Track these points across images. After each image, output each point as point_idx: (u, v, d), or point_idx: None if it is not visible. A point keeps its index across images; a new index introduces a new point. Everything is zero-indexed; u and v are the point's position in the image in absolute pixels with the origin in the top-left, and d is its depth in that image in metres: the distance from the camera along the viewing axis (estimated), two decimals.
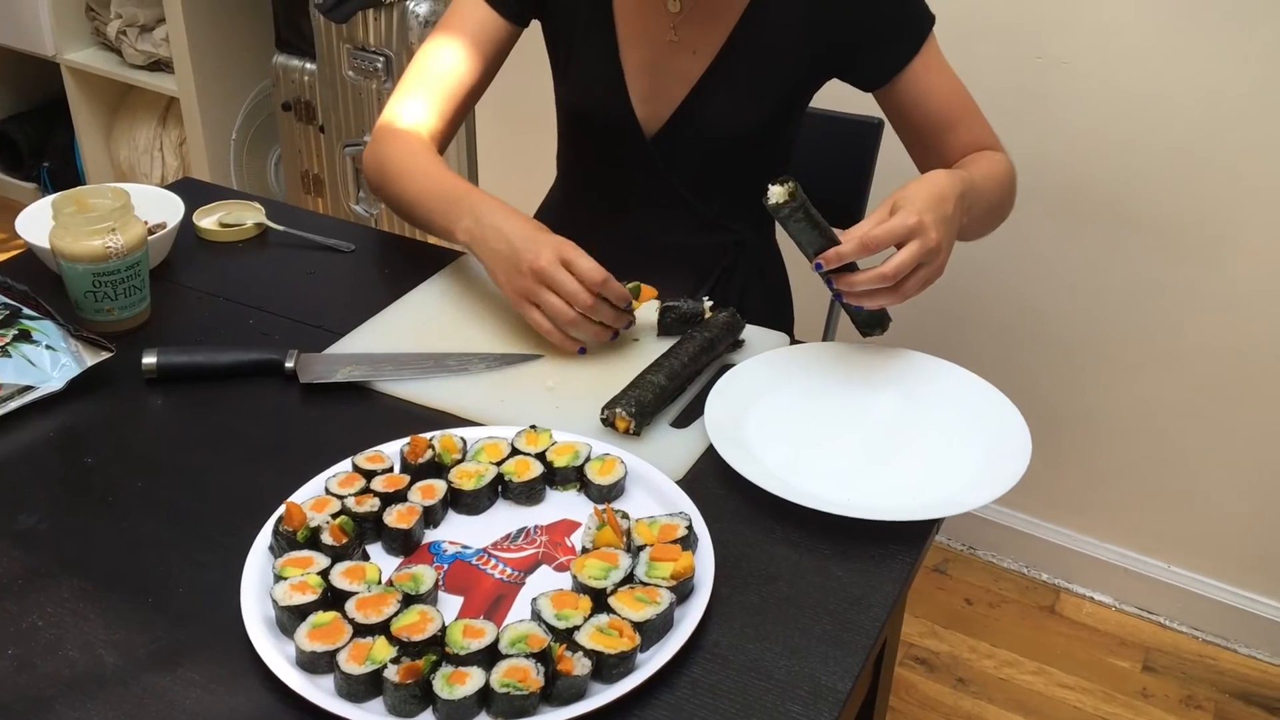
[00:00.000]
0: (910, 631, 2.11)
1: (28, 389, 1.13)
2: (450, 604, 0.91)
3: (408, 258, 1.46)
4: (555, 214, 1.61)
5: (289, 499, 0.97)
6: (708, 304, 1.24)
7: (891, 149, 1.69)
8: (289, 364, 1.18)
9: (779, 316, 1.61)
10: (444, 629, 0.84)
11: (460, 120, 1.44)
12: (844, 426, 1.13)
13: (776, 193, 1.10)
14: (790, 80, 1.38)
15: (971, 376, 1.17)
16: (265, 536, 0.95)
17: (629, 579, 0.90)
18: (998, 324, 2.09)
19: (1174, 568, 2.12)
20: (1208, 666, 2.06)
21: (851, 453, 1.09)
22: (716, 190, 1.46)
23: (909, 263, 1.10)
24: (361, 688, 0.82)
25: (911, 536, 0.99)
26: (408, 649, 0.83)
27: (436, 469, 1.02)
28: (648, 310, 1.26)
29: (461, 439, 1.05)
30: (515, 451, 1.04)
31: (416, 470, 1.01)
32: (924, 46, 1.34)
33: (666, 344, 1.20)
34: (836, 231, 1.13)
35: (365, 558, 0.94)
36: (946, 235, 1.13)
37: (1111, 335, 2.00)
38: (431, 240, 1.43)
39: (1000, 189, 1.33)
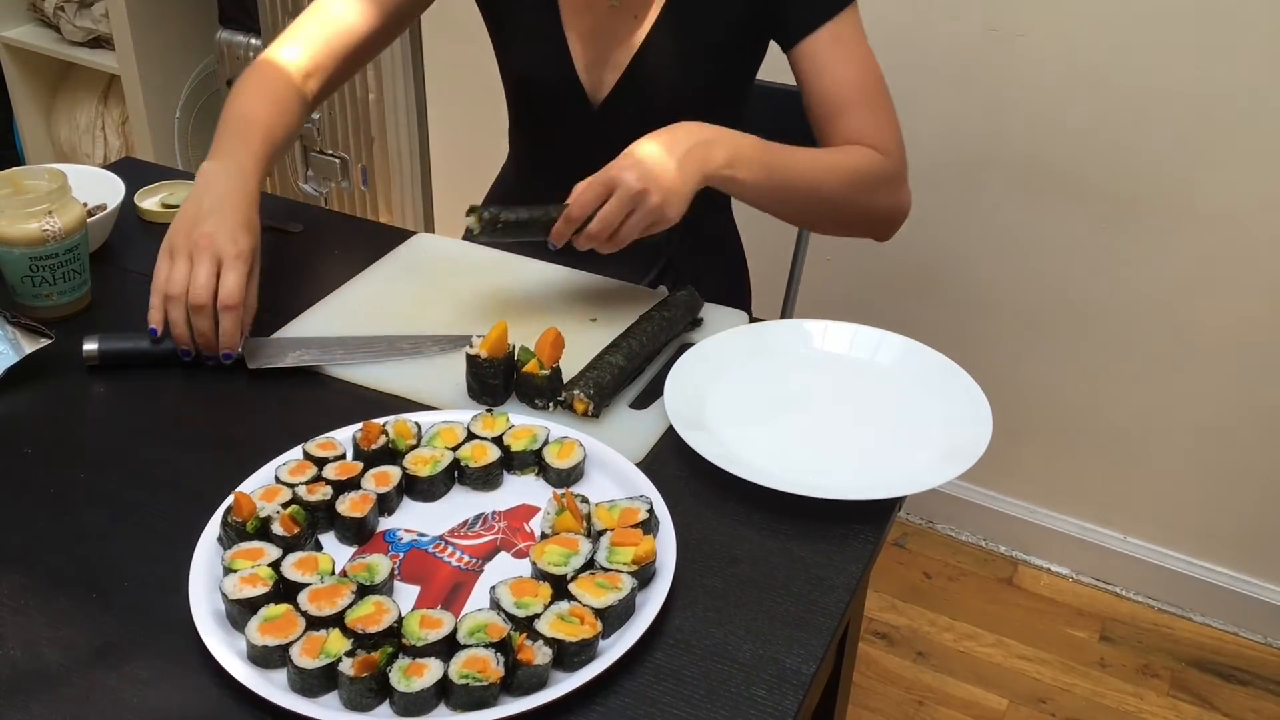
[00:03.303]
0: (870, 606, 2.11)
1: None
2: (406, 594, 0.89)
3: (357, 238, 1.43)
4: (508, 189, 1.59)
5: (237, 489, 0.94)
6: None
7: None
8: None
9: (736, 293, 1.59)
10: (400, 620, 0.83)
11: (344, 69, 1.39)
12: (804, 405, 1.12)
13: (469, 222, 1.16)
14: (731, 40, 1.36)
15: (930, 352, 1.16)
16: (214, 528, 0.92)
17: (590, 565, 0.88)
18: (951, 297, 2.09)
19: (1130, 538, 2.14)
20: (1164, 635, 2.08)
21: (812, 431, 1.08)
22: None
23: (614, 215, 1.13)
24: (316, 682, 0.79)
25: (874, 515, 0.98)
26: (363, 641, 0.81)
27: (390, 455, 1.00)
28: (600, 291, 1.24)
29: (416, 424, 1.03)
30: (471, 436, 1.02)
31: (370, 457, 0.99)
32: (839, 16, 1.30)
33: (625, 324, 1.18)
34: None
35: (318, 548, 0.92)
36: (657, 179, 1.13)
37: (1065, 308, 2.01)
38: (382, 220, 1.41)
39: (840, 182, 1.27)
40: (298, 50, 1.34)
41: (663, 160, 1.14)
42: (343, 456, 1.00)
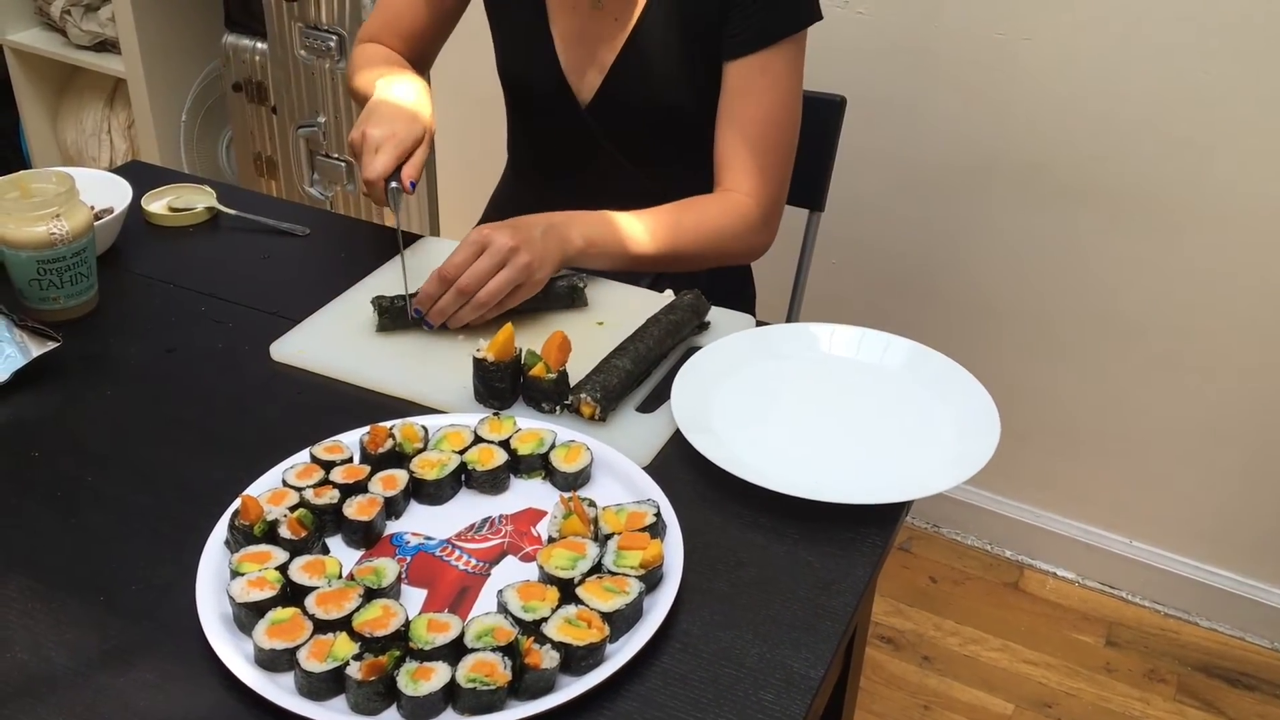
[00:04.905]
0: (875, 610, 2.11)
1: None
2: (414, 597, 0.88)
3: (364, 241, 1.43)
4: (507, 193, 1.60)
5: (245, 492, 0.94)
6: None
7: (854, 128, 1.68)
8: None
9: (739, 294, 1.59)
10: (408, 623, 0.83)
11: (422, 61, 1.51)
12: (811, 409, 1.12)
13: (375, 321, 1.21)
14: (708, 45, 1.35)
15: (937, 355, 1.16)
16: (221, 531, 0.92)
17: (597, 568, 0.88)
18: (958, 301, 2.09)
19: (1136, 543, 2.13)
20: (1170, 640, 2.07)
21: (819, 435, 1.08)
22: (660, 159, 1.45)
23: (485, 269, 1.15)
24: (323, 686, 0.79)
25: (881, 519, 0.98)
26: (370, 645, 0.81)
27: (397, 459, 1.00)
28: (607, 294, 1.24)
29: (423, 427, 1.03)
30: (478, 439, 1.02)
31: (377, 460, 0.99)
32: (775, 47, 1.31)
33: (632, 328, 1.18)
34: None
35: (325, 551, 0.92)
36: (529, 240, 1.17)
37: (1071, 311, 2.01)
38: (388, 224, 1.41)
39: (696, 242, 1.32)
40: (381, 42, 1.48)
41: (529, 228, 1.19)
42: (350, 460, 1.00)
